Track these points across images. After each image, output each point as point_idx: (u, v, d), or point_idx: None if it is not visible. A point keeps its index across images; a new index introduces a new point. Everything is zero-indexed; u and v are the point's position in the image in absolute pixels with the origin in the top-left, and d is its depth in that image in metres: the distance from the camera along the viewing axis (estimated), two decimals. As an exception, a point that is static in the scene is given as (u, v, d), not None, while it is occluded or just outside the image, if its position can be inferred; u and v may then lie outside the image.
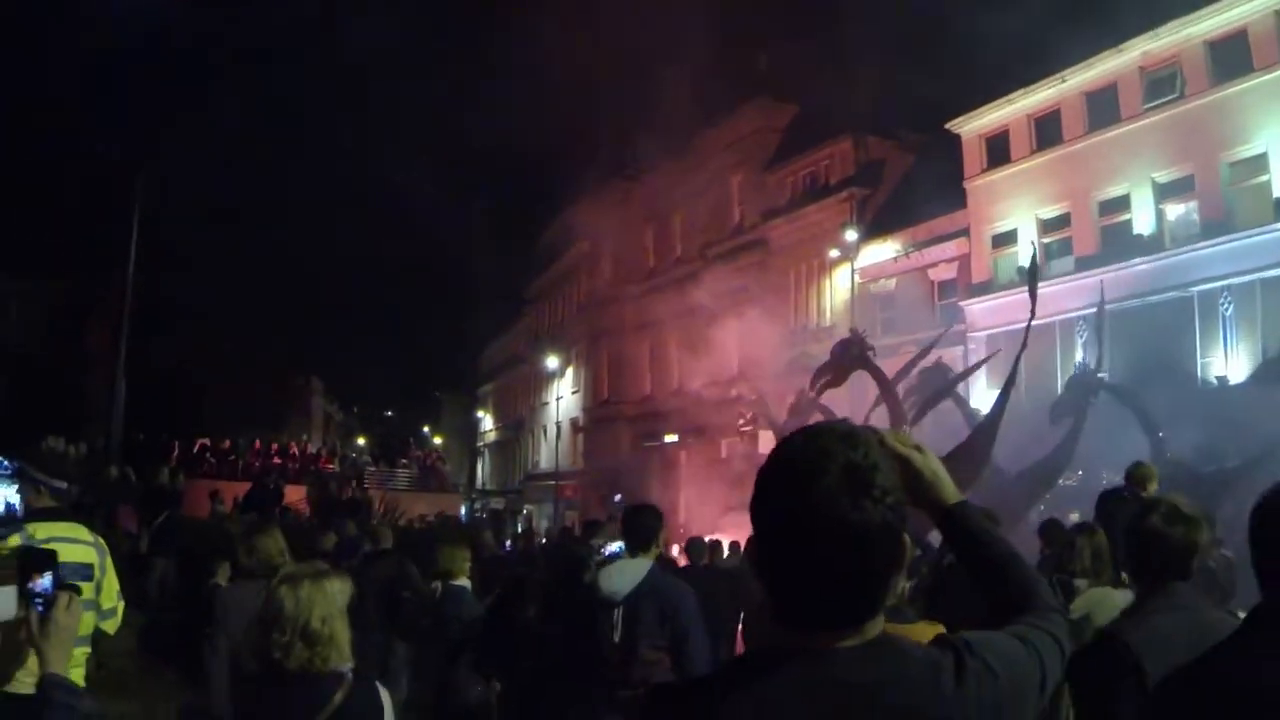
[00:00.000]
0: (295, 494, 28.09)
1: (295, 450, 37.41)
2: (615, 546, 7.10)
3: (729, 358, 41.34)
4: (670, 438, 42.62)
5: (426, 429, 69.27)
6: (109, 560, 5.34)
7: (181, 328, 39.64)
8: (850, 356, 20.72)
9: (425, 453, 48.15)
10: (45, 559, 3.00)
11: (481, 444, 71.40)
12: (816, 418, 24.67)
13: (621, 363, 47.92)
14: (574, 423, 52.54)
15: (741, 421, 36.05)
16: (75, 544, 5.06)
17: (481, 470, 69.13)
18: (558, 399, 55.06)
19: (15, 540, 4.62)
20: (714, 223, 44.20)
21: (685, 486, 34.69)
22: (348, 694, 3.54)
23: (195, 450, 34.16)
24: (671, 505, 32.92)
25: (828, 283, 38.92)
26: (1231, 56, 24.31)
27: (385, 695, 3.75)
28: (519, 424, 63.21)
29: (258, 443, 36.76)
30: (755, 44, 43.19)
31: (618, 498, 41.71)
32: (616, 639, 5.61)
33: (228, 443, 35.59)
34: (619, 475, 41.45)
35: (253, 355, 47.19)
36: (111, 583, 5.34)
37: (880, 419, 21.28)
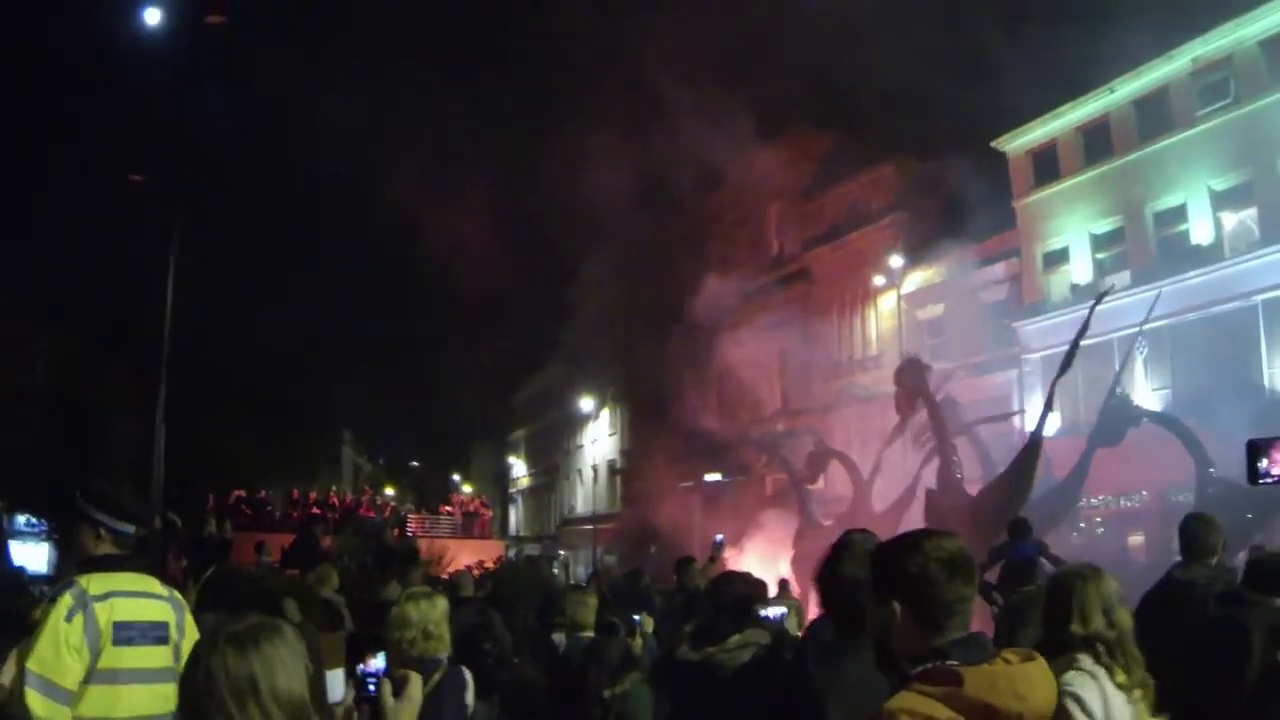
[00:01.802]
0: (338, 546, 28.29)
1: (334, 499, 37.71)
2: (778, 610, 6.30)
3: (772, 392, 41.53)
4: (712, 476, 42.64)
5: (456, 476, 69.58)
6: (189, 619, 4.61)
7: (211, 377, 40.08)
8: (906, 380, 21.11)
9: (467, 499, 48.39)
10: (377, 641, 3.29)
11: (514, 490, 71.68)
12: (834, 464, 24.92)
13: (660, 402, 48.04)
14: (611, 465, 52.68)
15: (762, 463, 36.35)
16: (145, 599, 4.45)
17: (515, 517, 69.35)
18: (593, 442, 55.22)
19: (67, 600, 4.15)
20: (753, 254, 44.43)
21: (729, 524, 34.60)
22: (444, 673, 5.16)
23: (231, 501, 34.48)
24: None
25: (873, 311, 39.08)
26: (1287, 56, 24.50)
27: (468, 675, 5.50)
28: (553, 469, 63.44)
29: (295, 492, 37.08)
30: (790, 69, 43.59)
31: (653, 549, 41.81)
32: None
33: (263, 493, 35.93)
34: (658, 516, 41.54)
35: (282, 406, 47.64)
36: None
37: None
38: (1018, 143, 32.42)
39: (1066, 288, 30.35)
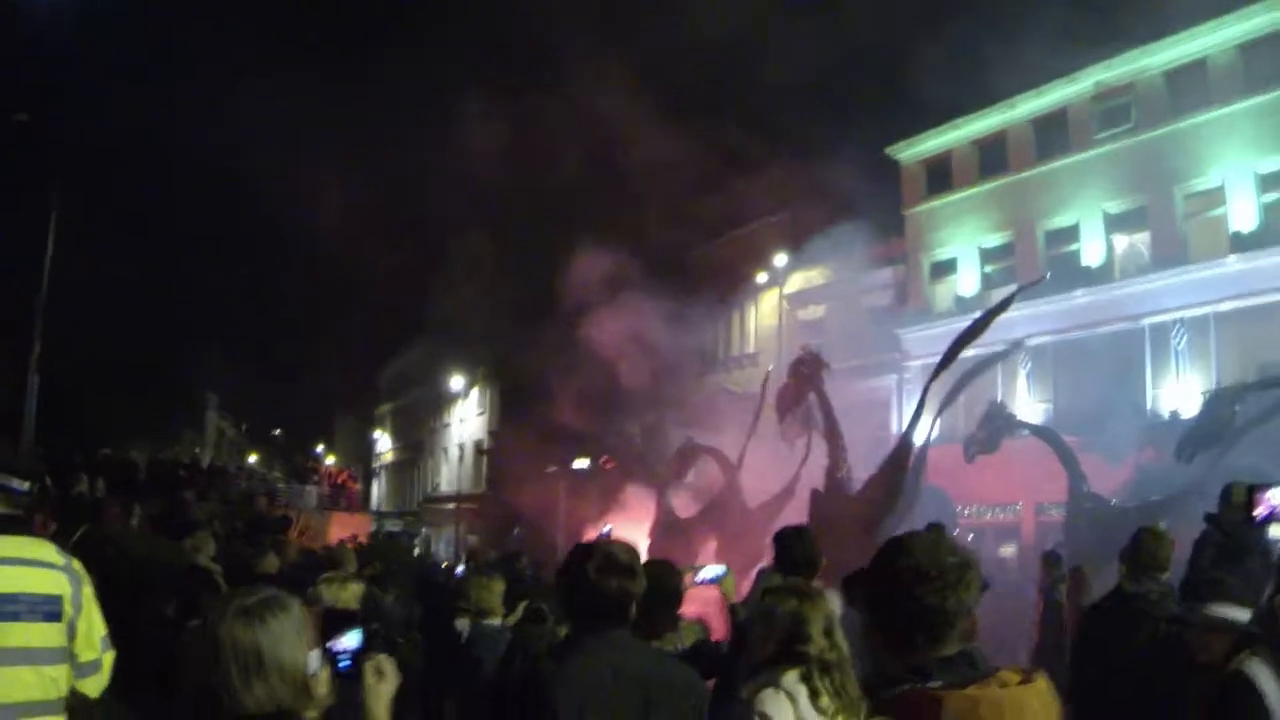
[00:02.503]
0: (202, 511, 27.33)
1: (201, 464, 36.43)
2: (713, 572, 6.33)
3: (643, 384, 41.28)
4: (581, 463, 42.29)
5: (320, 448, 68.34)
6: (87, 591, 4.00)
7: (77, 336, 38.55)
8: (803, 372, 20.88)
9: (335, 470, 47.37)
10: (349, 617, 3.14)
11: (377, 464, 70.67)
12: (705, 460, 24.78)
13: (531, 385, 47.55)
14: (477, 445, 52.06)
15: (604, 460, 36.24)
16: (37, 568, 3.86)
17: (377, 491, 68.35)
18: (460, 421, 54.53)
19: None
20: (632, 241, 44.10)
21: (594, 509, 34.24)
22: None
23: (98, 460, 33.11)
24: (579, 533, 32.72)
25: (753, 309, 39.08)
26: (1189, 87, 25.00)
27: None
28: (418, 445, 62.61)
29: (173, 456, 35.84)
30: (689, 57, 43.46)
31: (516, 531, 41.38)
32: None
33: (133, 454, 34.53)
34: (524, 499, 41.10)
35: (146, 366, 46.20)
36: (92, 623, 4.00)
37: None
38: (912, 151, 32.65)
39: (951, 298, 30.59)
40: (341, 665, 2.95)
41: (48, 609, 3.80)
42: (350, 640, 3.00)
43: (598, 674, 3.49)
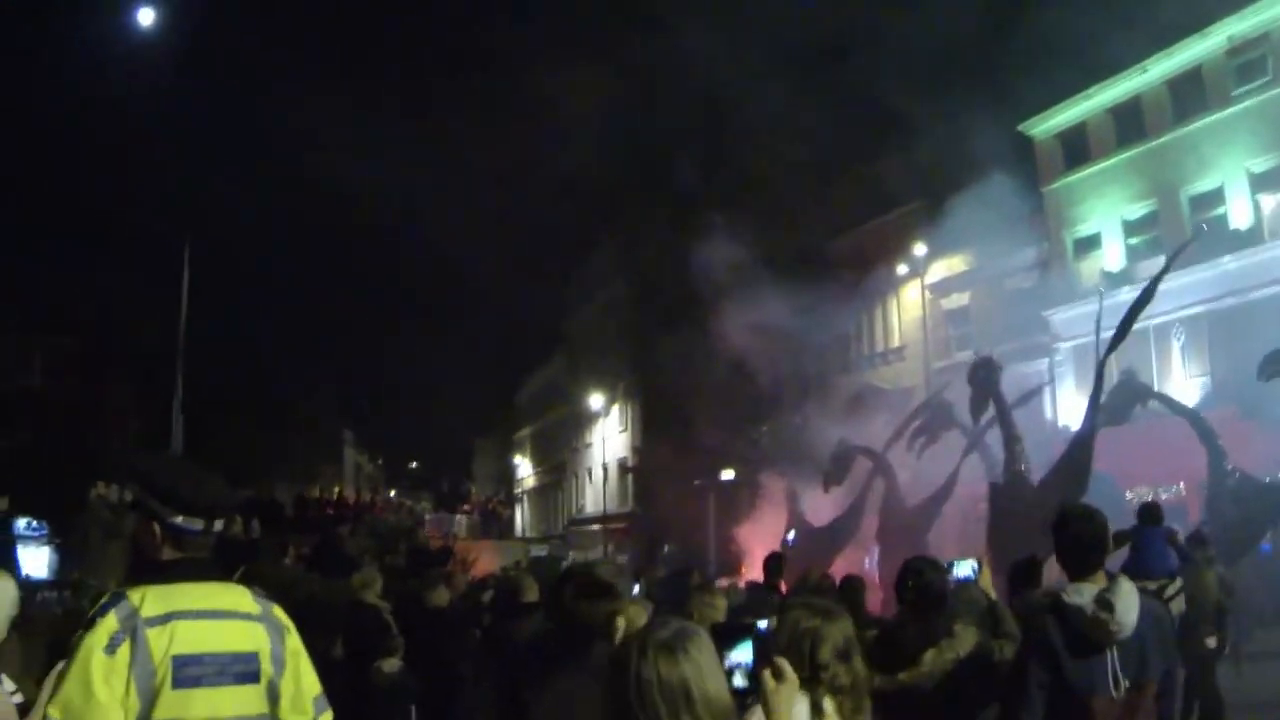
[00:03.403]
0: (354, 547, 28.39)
1: (347, 499, 37.66)
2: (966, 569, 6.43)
3: (789, 388, 41.62)
4: (727, 473, 42.78)
5: (461, 478, 69.98)
6: (292, 643, 3.50)
7: (210, 377, 40.56)
8: (979, 379, 21.59)
9: (486, 498, 48.60)
10: (741, 630, 3.07)
11: (519, 490, 71.96)
12: (860, 461, 25.31)
13: (672, 398, 48.18)
14: (622, 464, 52.92)
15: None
16: (225, 620, 3.36)
17: (520, 517, 69.62)
18: (602, 439, 55.48)
19: (109, 623, 3.16)
20: (770, 243, 44.50)
21: (747, 523, 34.76)
22: None
23: (244, 501, 34.48)
24: (729, 545, 33.35)
25: (895, 302, 39.26)
26: (1327, 32, 24.69)
27: None
28: (560, 467, 63.71)
29: (308, 492, 37.14)
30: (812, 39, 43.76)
31: (666, 549, 41.99)
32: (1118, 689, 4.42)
33: (277, 493, 36.02)
34: (672, 515, 41.76)
35: (282, 405, 47.94)
36: (301, 682, 3.48)
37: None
38: (1045, 126, 32.69)
39: (1098, 274, 30.49)
40: (737, 683, 2.96)
41: (240, 669, 3.32)
42: (742, 654, 3.01)
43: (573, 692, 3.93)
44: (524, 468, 74.32)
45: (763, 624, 3.11)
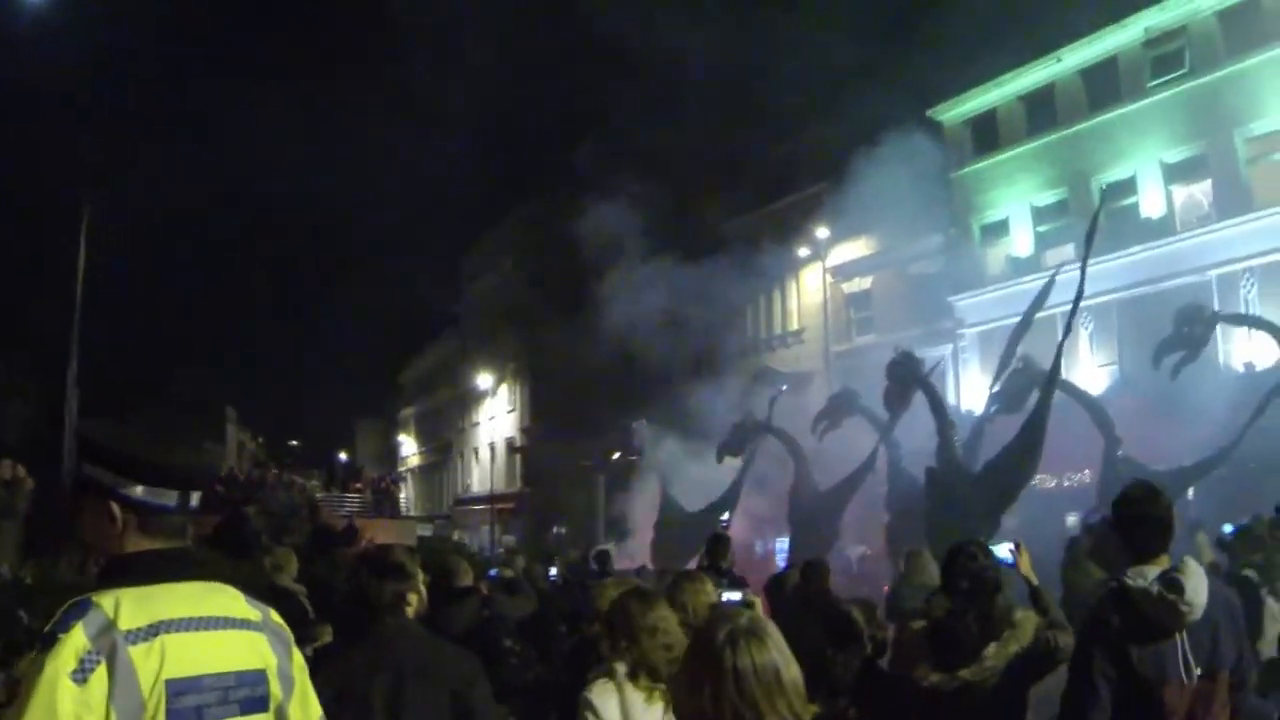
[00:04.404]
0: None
1: (238, 477, 36.75)
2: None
3: (684, 371, 41.79)
4: (618, 455, 42.85)
5: (343, 455, 69.11)
6: (298, 657, 2.88)
7: (95, 351, 39.75)
8: (899, 374, 22.09)
9: (379, 476, 48.00)
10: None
11: (403, 469, 71.60)
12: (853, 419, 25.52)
13: (563, 377, 48.15)
14: (510, 444, 52.83)
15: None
16: (224, 630, 2.67)
17: (405, 496, 69.22)
18: (490, 419, 55.30)
19: (76, 640, 2.41)
20: (667, 221, 44.58)
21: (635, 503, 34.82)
22: None
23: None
24: (624, 526, 33.45)
25: (795, 285, 39.57)
26: (1244, 27, 25.47)
27: None
28: (446, 446, 63.52)
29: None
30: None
31: (555, 530, 42.01)
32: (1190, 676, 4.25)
33: None
34: (561, 496, 41.80)
35: (164, 381, 47.02)
36: (310, 705, 2.88)
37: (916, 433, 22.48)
38: (955, 111, 33.16)
39: (1004, 261, 31.13)
40: None
41: (246, 694, 2.66)
42: None
43: (350, 666, 4.24)
44: (408, 446, 74.22)
45: None
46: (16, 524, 18.04)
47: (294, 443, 74.02)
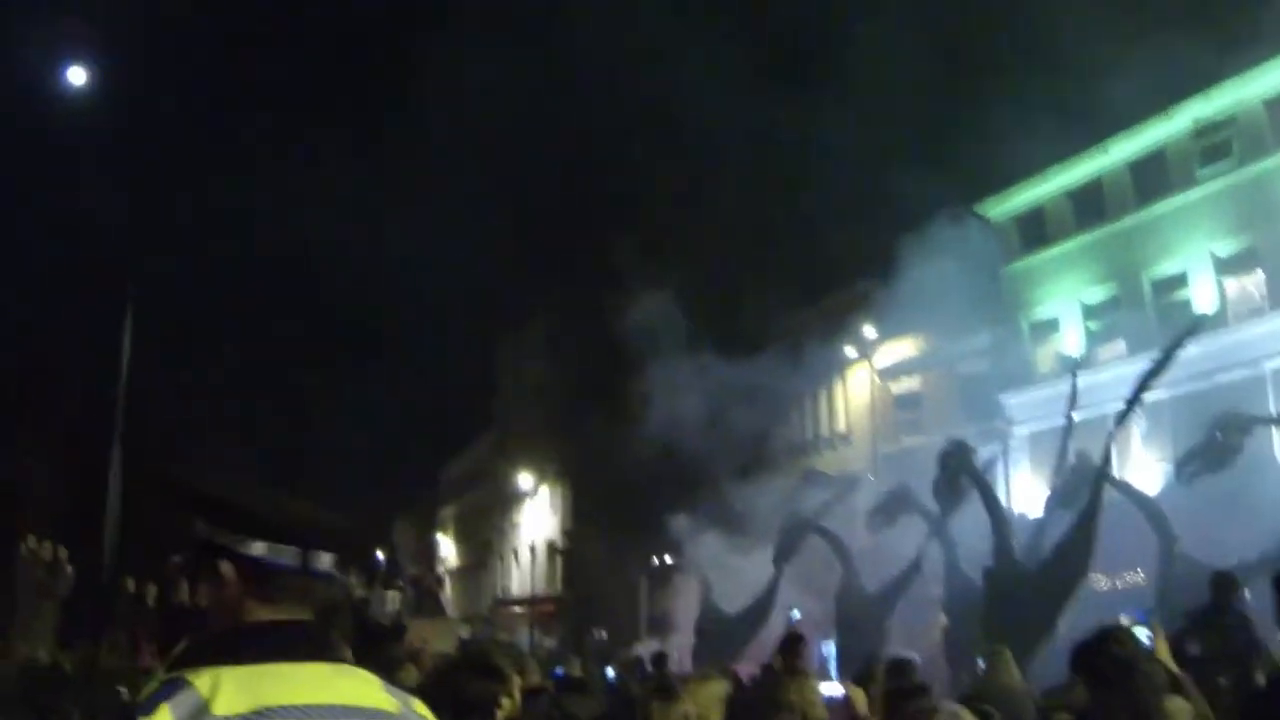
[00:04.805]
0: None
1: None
2: None
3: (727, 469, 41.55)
4: (659, 558, 42.55)
5: (380, 554, 69.15)
6: None
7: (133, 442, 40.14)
8: (951, 464, 21.77)
9: (421, 575, 47.89)
10: None
11: (441, 570, 71.42)
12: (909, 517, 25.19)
13: (606, 479, 47.95)
14: (550, 545, 52.58)
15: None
16: None
17: (444, 598, 69.11)
18: (531, 520, 55.12)
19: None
20: (709, 323, 44.59)
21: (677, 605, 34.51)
22: None
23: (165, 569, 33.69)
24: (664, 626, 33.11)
25: (841, 385, 39.39)
26: (1294, 115, 25.32)
27: None
28: (485, 547, 63.34)
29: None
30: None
31: (596, 633, 41.56)
32: None
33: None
34: (601, 598, 41.47)
35: (205, 471, 47.31)
36: None
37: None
38: (1003, 207, 33.12)
39: (1054, 359, 30.84)
40: None
41: None
42: None
43: None
44: (446, 546, 74.14)
45: None
46: (54, 608, 17.92)
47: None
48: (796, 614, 26.40)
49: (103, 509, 22.06)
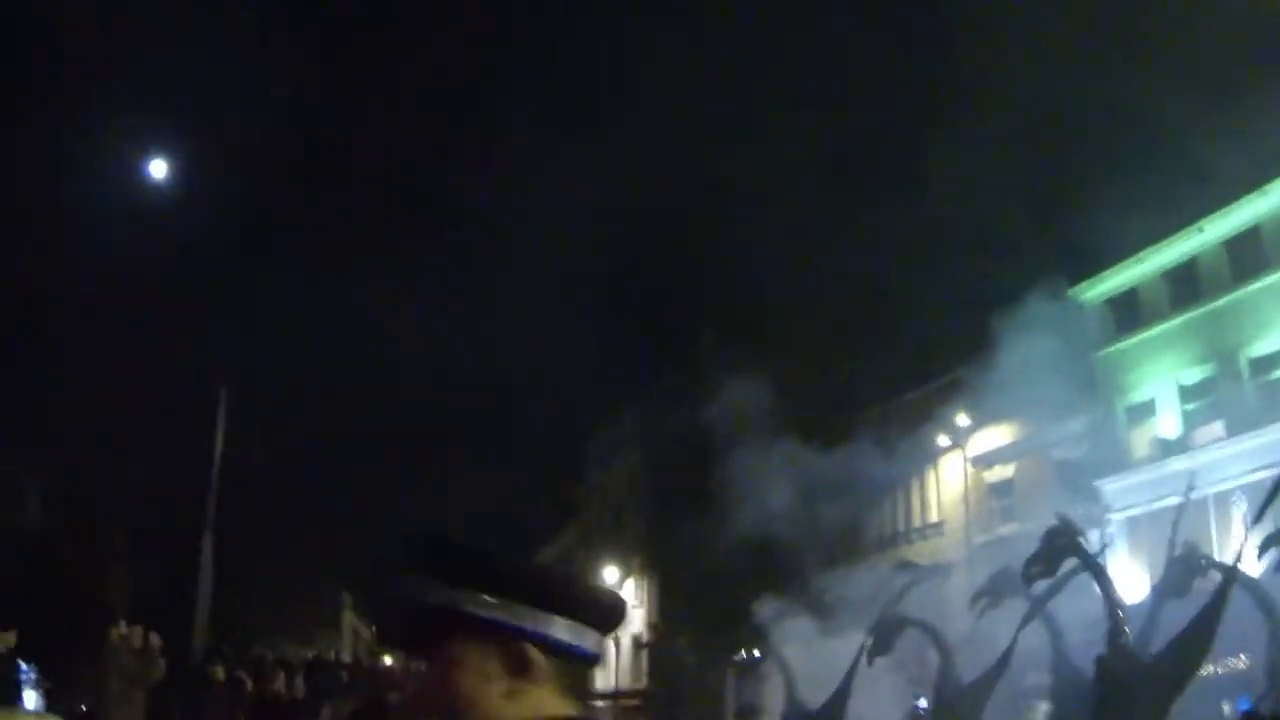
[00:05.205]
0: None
1: (364, 662, 37.12)
2: None
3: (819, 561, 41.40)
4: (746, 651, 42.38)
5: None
6: None
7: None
8: (1059, 545, 21.54)
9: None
10: None
11: (527, 665, 71.65)
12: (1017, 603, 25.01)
13: (691, 571, 47.96)
14: (636, 639, 52.45)
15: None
16: None
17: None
18: (617, 614, 55.00)
19: None
20: (798, 414, 44.69)
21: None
22: None
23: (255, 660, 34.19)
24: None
25: (934, 474, 39.28)
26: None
27: None
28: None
29: (331, 655, 36.76)
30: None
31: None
32: None
33: (313, 654, 35.55)
34: (690, 694, 41.31)
35: (289, 563, 47.91)
36: None
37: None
38: (1096, 290, 33.09)
39: (1150, 442, 30.60)
40: None
41: None
42: None
43: None
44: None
45: None
46: (145, 696, 18.12)
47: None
48: (923, 702, 26.13)
49: (193, 597, 22.50)
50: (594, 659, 2.04)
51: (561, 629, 1.96)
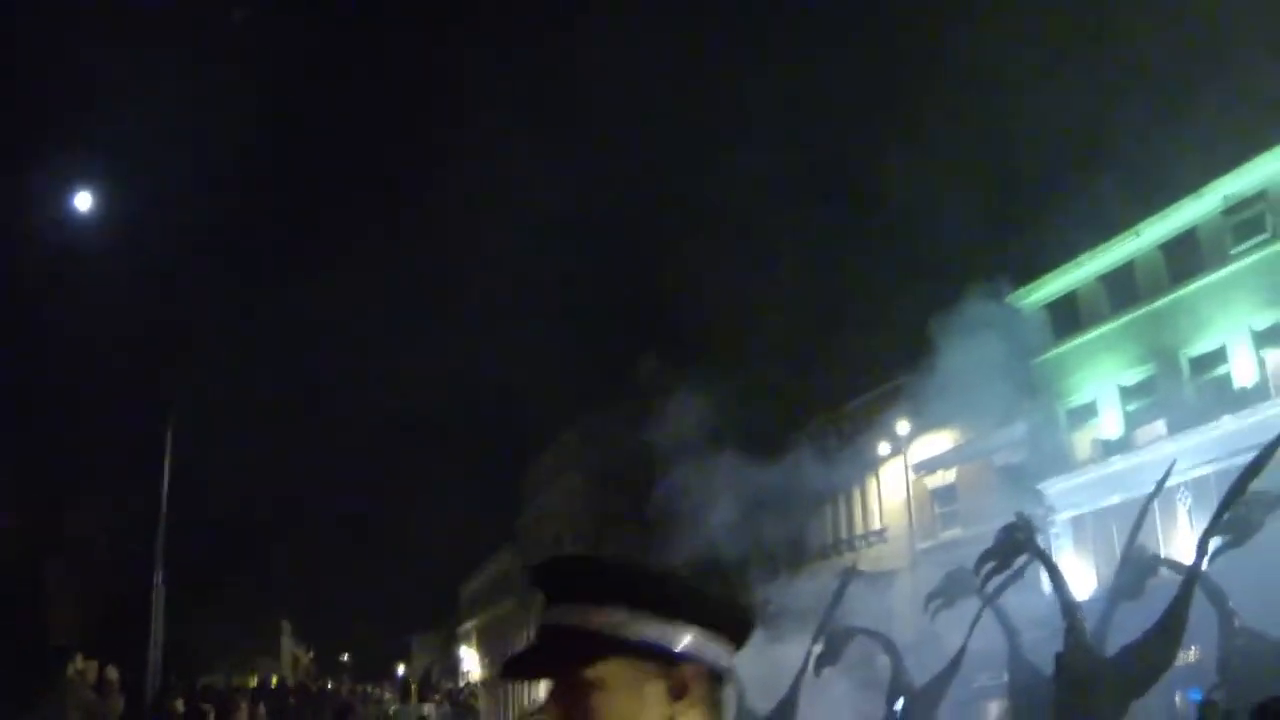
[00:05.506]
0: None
1: (309, 687, 37.03)
2: None
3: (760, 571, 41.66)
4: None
5: (400, 669, 69.20)
6: None
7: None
8: (1020, 538, 21.89)
9: (457, 689, 47.93)
10: None
11: (465, 684, 71.42)
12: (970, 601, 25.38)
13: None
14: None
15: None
16: None
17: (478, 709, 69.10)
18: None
19: None
20: (739, 422, 44.91)
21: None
22: None
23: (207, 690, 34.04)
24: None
25: (876, 482, 39.67)
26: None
27: None
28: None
29: (274, 681, 36.52)
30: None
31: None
32: None
33: (260, 681, 35.26)
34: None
35: (220, 593, 47.54)
36: None
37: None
38: (1035, 296, 33.57)
39: (1092, 444, 31.18)
40: None
41: None
42: None
43: None
44: (470, 660, 74.10)
45: None
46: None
47: (345, 657, 74.34)
48: (898, 706, 26.42)
49: (146, 632, 22.18)
50: (730, 677, 1.88)
51: (714, 648, 1.83)
